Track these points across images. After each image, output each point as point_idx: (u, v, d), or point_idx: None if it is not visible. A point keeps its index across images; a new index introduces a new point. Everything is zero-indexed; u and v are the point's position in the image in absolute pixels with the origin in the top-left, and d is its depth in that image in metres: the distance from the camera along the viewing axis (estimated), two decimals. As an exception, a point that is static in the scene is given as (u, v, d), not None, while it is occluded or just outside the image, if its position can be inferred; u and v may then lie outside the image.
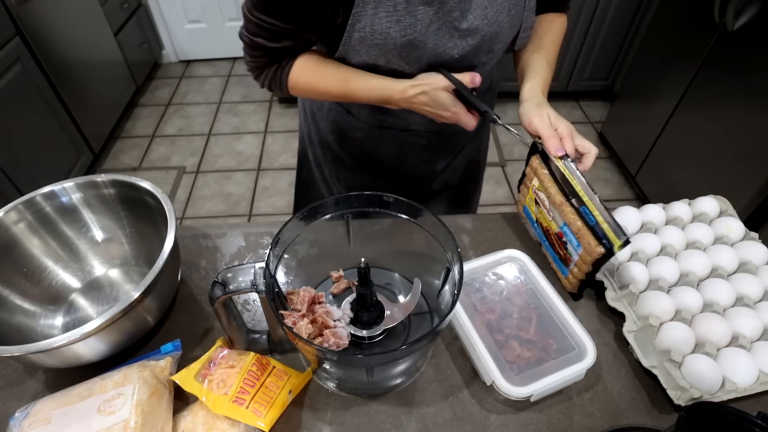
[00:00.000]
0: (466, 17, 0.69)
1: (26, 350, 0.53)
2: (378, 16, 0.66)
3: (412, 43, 0.69)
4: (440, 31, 0.69)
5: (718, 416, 0.49)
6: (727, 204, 0.81)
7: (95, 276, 0.76)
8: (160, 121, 2.64)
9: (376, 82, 0.73)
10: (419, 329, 0.64)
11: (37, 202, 0.70)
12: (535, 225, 0.76)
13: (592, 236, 0.63)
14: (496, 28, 0.72)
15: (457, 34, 0.70)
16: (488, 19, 0.70)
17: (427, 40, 0.69)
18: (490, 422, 0.60)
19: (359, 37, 0.68)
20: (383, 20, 0.66)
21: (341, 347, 0.56)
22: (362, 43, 0.69)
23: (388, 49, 0.69)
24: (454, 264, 0.56)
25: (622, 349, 0.67)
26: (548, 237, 0.73)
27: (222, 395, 0.55)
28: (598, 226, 0.62)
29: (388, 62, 0.72)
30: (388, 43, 0.68)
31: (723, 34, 1.61)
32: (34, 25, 1.85)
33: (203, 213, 2.14)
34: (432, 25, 0.68)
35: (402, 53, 0.70)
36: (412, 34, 0.68)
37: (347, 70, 0.74)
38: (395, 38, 0.68)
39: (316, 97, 0.80)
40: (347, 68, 0.74)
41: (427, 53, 0.71)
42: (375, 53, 0.70)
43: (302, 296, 0.59)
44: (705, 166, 1.76)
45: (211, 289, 0.54)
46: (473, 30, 0.71)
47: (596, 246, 0.63)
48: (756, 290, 0.68)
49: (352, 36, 0.68)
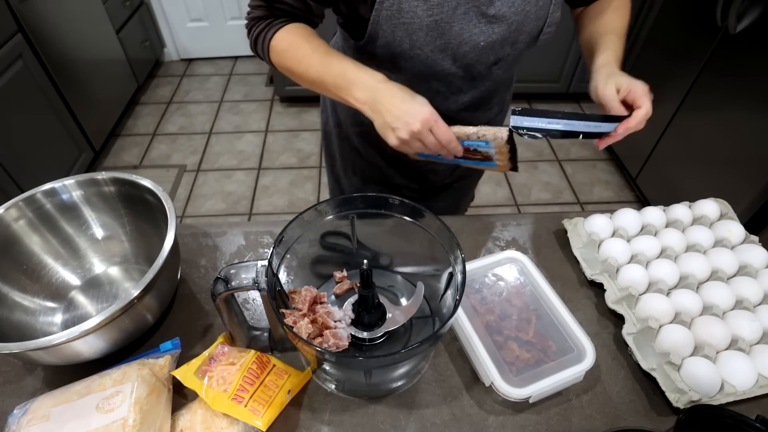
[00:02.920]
0: (493, 3, 0.69)
1: (25, 347, 0.53)
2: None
3: (438, 25, 0.68)
4: (467, 16, 0.69)
5: (716, 419, 0.49)
6: (727, 207, 0.81)
7: (95, 273, 0.76)
8: (162, 119, 2.64)
9: (355, 69, 0.68)
10: (421, 332, 0.63)
11: (37, 199, 0.70)
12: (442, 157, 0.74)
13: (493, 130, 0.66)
14: (522, 17, 0.71)
15: (484, 20, 0.70)
16: (515, 8, 0.70)
17: (454, 23, 0.69)
18: (488, 423, 0.60)
19: (387, 15, 0.68)
20: (411, 0, 0.66)
21: (341, 348, 0.56)
22: (389, 21, 0.69)
23: (413, 30, 0.69)
24: (456, 268, 0.56)
25: (621, 351, 0.67)
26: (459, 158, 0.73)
27: (221, 392, 0.55)
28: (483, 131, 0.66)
29: (412, 46, 0.71)
30: (414, 23, 0.68)
31: (725, 37, 1.60)
32: (36, 22, 1.85)
33: (203, 211, 2.14)
34: (459, 8, 0.68)
35: (428, 36, 0.69)
36: (438, 14, 0.67)
37: (333, 53, 0.70)
38: (421, 17, 0.67)
39: (292, 73, 0.74)
40: (335, 53, 0.70)
41: (452, 38, 0.70)
42: (401, 34, 0.70)
43: (304, 296, 0.59)
44: (706, 169, 1.76)
45: (214, 286, 0.54)
46: (500, 17, 0.70)
47: (500, 131, 0.65)
48: (756, 293, 0.68)
49: (381, 13, 0.68)
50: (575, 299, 0.73)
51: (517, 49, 0.77)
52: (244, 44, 3.04)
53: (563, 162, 2.38)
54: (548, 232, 0.83)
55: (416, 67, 0.76)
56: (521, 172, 2.34)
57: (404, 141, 0.64)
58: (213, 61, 3.10)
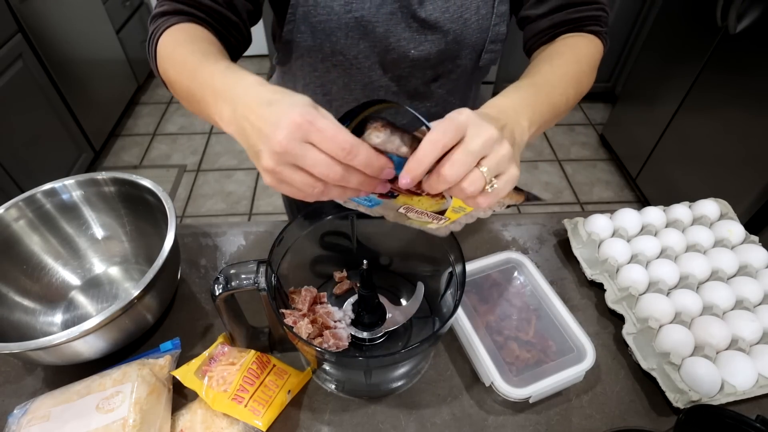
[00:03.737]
0: (424, 5, 0.61)
1: (25, 347, 0.53)
2: None
3: (359, 23, 0.61)
4: (394, 17, 0.62)
5: (716, 419, 0.49)
6: (727, 207, 0.81)
7: (95, 274, 0.76)
8: (162, 119, 2.64)
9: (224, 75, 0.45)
10: (421, 332, 0.64)
11: (37, 199, 0.70)
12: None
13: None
14: (460, 27, 0.63)
15: (416, 25, 0.62)
16: (451, 14, 0.62)
17: (377, 23, 0.61)
18: (488, 423, 0.60)
19: (303, 12, 0.61)
20: None
21: (340, 348, 0.56)
22: (306, 20, 0.62)
23: (332, 29, 0.62)
24: (456, 268, 0.56)
25: (622, 351, 0.67)
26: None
27: (221, 392, 0.55)
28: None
29: (333, 50, 0.64)
30: (332, 20, 0.61)
31: (725, 36, 1.61)
32: (36, 22, 1.85)
33: (203, 211, 2.15)
34: (384, 7, 0.61)
35: (349, 36, 0.62)
36: (358, 10, 0.60)
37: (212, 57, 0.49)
38: (339, 14, 0.60)
39: (171, 85, 0.53)
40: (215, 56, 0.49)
41: (377, 41, 0.63)
42: (320, 35, 0.62)
43: (304, 296, 0.59)
44: (706, 169, 1.76)
45: (213, 286, 0.54)
46: (433, 24, 0.62)
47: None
48: (756, 293, 0.68)
49: (297, 11, 0.61)
50: (575, 299, 0.73)
51: (460, 66, 0.69)
52: (244, 44, 3.04)
53: (563, 162, 2.38)
54: (548, 232, 0.83)
55: (341, 80, 0.68)
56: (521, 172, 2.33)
57: (273, 172, 0.37)
58: (213, 61, 3.10)
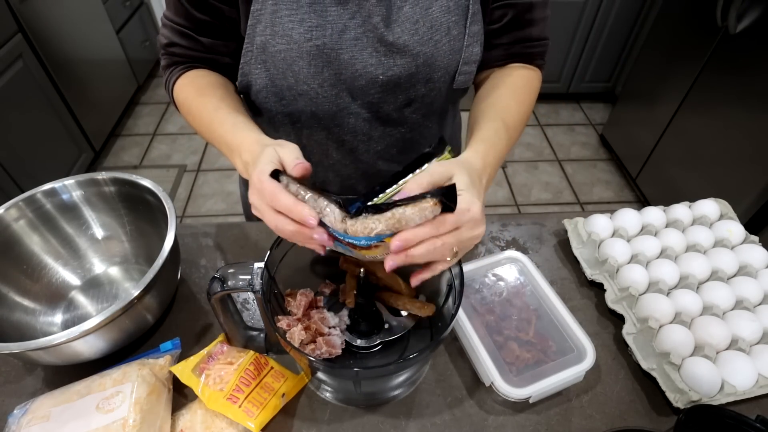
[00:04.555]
0: (391, 28, 0.59)
1: (25, 347, 0.53)
2: (279, 14, 0.57)
3: (322, 52, 0.59)
4: (359, 42, 0.59)
5: (717, 419, 0.49)
6: (727, 207, 0.81)
7: (95, 274, 0.76)
8: (162, 119, 2.64)
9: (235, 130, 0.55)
10: (419, 341, 0.62)
11: (37, 199, 0.70)
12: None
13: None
14: (431, 49, 0.61)
15: (383, 49, 0.60)
16: (420, 36, 0.59)
17: (341, 50, 0.59)
18: (488, 423, 0.60)
19: (261, 42, 0.59)
20: (285, 19, 0.57)
21: (333, 356, 0.55)
22: (265, 50, 0.60)
23: (293, 58, 0.59)
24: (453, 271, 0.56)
25: (622, 352, 0.67)
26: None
27: (217, 391, 0.55)
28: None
29: (297, 80, 0.61)
30: (292, 50, 0.58)
31: (725, 36, 1.61)
32: (36, 22, 1.85)
33: (204, 211, 2.15)
34: (348, 32, 0.58)
35: (312, 65, 0.60)
36: (320, 38, 0.58)
37: (222, 110, 0.58)
38: (299, 42, 0.58)
39: (191, 122, 0.64)
40: (225, 108, 0.58)
41: (343, 69, 0.60)
42: (281, 65, 0.60)
43: (299, 300, 0.58)
44: (706, 169, 1.76)
45: (210, 285, 0.54)
46: (402, 47, 0.59)
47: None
48: (756, 293, 0.68)
49: (254, 41, 0.60)
50: (575, 299, 0.73)
51: (433, 90, 0.66)
52: (244, 44, 3.04)
53: (563, 162, 2.38)
54: (548, 232, 0.83)
55: (308, 109, 0.65)
56: (521, 172, 2.34)
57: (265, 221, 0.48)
58: (213, 61, 3.10)
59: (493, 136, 0.56)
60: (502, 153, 0.56)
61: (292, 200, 0.43)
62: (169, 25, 0.63)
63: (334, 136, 0.70)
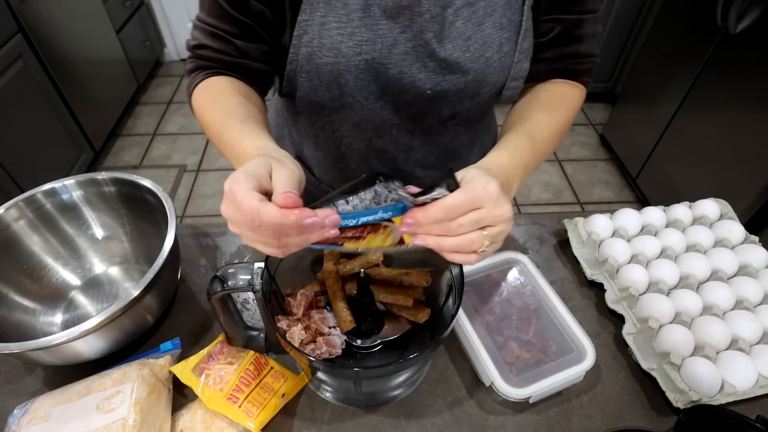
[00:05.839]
0: (443, 44, 0.57)
1: (25, 347, 0.53)
2: (327, 26, 0.55)
3: (370, 66, 0.57)
4: (408, 57, 0.57)
5: (716, 419, 0.49)
6: (727, 207, 0.81)
7: (95, 274, 0.76)
8: (162, 119, 2.64)
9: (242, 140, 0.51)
10: (419, 340, 0.62)
11: (37, 199, 0.70)
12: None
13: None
14: (482, 66, 0.59)
15: (433, 65, 0.58)
16: (472, 53, 0.58)
17: (391, 65, 0.57)
18: (488, 423, 0.60)
19: (307, 53, 0.57)
20: (333, 32, 0.56)
21: (333, 356, 0.55)
22: (311, 62, 0.58)
23: (340, 71, 0.58)
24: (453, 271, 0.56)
25: (622, 352, 0.67)
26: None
27: (217, 391, 0.55)
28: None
29: (342, 92, 0.60)
30: (340, 63, 0.57)
31: (725, 36, 1.60)
32: (36, 22, 1.85)
33: (203, 211, 2.14)
34: (398, 47, 0.57)
35: (359, 79, 0.58)
36: (369, 53, 0.56)
37: (233, 117, 0.54)
38: (348, 56, 0.56)
39: (204, 128, 0.60)
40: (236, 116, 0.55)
41: (390, 84, 0.59)
42: (327, 77, 0.58)
43: (299, 300, 0.58)
44: (706, 169, 1.76)
45: (210, 285, 0.54)
46: (453, 64, 0.58)
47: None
48: (756, 293, 0.68)
49: (300, 51, 0.58)
50: (575, 299, 0.73)
51: (478, 103, 0.65)
52: (244, 44, 3.04)
53: (563, 162, 2.38)
54: (548, 232, 0.83)
55: (351, 120, 0.64)
56: (521, 172, 2.33)
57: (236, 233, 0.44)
58: (213, 61, 3.10)
59: (514, 147, 0.54)
60: (525, 163, 0.54)
61: (279, 212, 0.38)
62: (200, 26, 0.60)
63: (374, 146, 0.70)
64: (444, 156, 0.75)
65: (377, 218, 0.42)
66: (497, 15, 0.58)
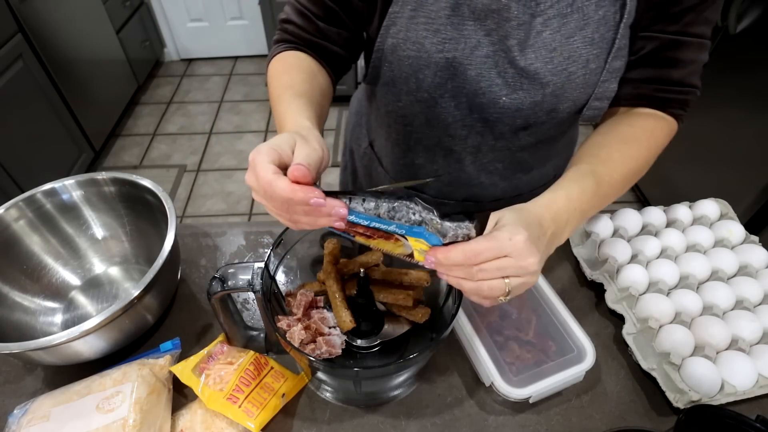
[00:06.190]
0: (525, 53, 0.56)
1: (25, 347, 0.53)
2: (416, 20, 0.56)
3: (450, 64, 0.58)
4: (489, 61, 0.57)
5: (717, 419, 0.49)
6: (727, 207, 0.81)
7: (95, 274, 0.76)
8: (162, 119, 2.64)
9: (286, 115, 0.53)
10: (419, 340, 0.62)
11: (37, 199, 0.70)
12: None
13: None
14: (563, 80, 0.57)
15: (512, 72, 0.57)
16: (555, 65, 0.56)
17: (470, 65, 0.57)
18: (488, 423, 0.60)
19: (392, 44, 0.59)
20: (420, 27, 0.56)
21: (333, 356, 0.55)
22: (394, 53, 0.59)
23: (420, 66, 0.59)
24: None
25: (622, 352, 0.67)
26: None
27: (217, 391, 0.55)
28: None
29: (418, 87, 0.61)
30: (421, 58, 0.58)
31: (725, 36, 1.60)
32: (36, 22, 1.85)
33: (204, 211, 2.15)
34: (480, 49, 0.56)
35: (437, 76, 0.59)
36: (451, 51, 0.57)
37: (289, 92, 0.56)
38: (429, 52, 0.57)
39: (269, 94, 0.62)
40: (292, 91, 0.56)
41: (467, 84, 0.59)
42: (407, 69, 0.60)
43: (299, 300, 0.58)
44: (706, 169, 1.76)
45: (210, 285, 0.54)
46: (532, 74, 0.56)
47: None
48: (756, 293, 0.68)
49: (386, 42, 0.59)
50: (575, 299, 0.73)
51: (555, 119, 0.63)
52: (244, 44, 3.04)
53: (563, 162, 2.38)
54: (548, 232, 0.83)
55: (423, 115, 0.65)
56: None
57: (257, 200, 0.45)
58: (213, 61, 3.10)
59: (576, 190, 0.51)
60: (584, 209, 0.51)
61: (289, 187, 0.40)
62: (292, 3, 0.64)
63: (443, 144, 0.70)
64: (511, 165, 0.73)
65: (389, 230, 0.43)
66: (589, 30, 0.55)
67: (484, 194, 0.78)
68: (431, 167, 0.74)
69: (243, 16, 2.92)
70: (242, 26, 2.96)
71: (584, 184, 0.52)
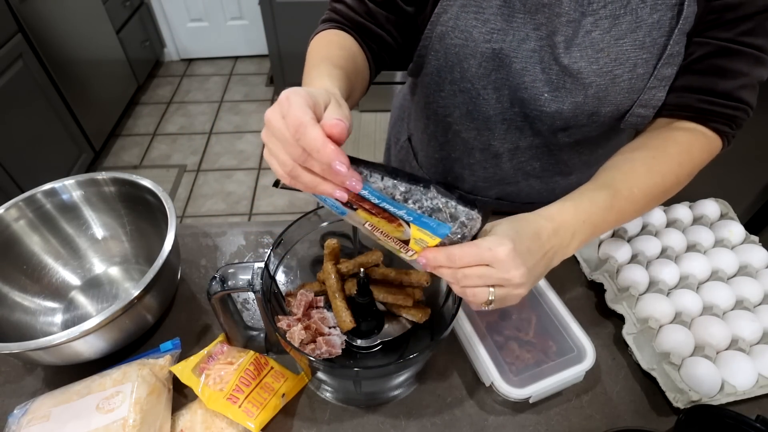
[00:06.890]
0: (570, 51, 0.55)
1: (25, 347, 0.53)
2: (467, 9, 0.56)
3: (496, 55, 0.57)
4: (534, 55, 0.56)
5: (716, 419, 0.49)
6: (727, 207, 0.81)
7: (95, 274, 0.76)
8: (162, 119, 2.64)
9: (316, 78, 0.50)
10: (419, 340, 0.62)
11: (37, 199, 0.70)
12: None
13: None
14: (607, 83, 0.55)
15: (556, 69, 0.56)
16: (599, 66, 0.54)
17: (516, 58, 0.57)
18: (488, 423, 0.60)
19: (441, 32, 0.58)
20: (470, 15, 0.56)
21: (333, 356, 0.55)
22: (442, 41, 0.59)
23: (465, 55, 0.58)
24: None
25: (622, 352, 0.67)
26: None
27: (217, 391, 0.55)
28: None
29: (462, 76, 0.60)
30: (468, 47, 0.57)
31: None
32: (36, 22, 1.85)
33: (203, 211, 2.15)
34: (527, 43, 0.56)
35: (482, 66, 0.59)
36: (498, 42, 0.56)
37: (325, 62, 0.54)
38: (477, 41, 0.57)
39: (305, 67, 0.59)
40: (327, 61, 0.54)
41: (512, 77, 0.59)
42: (452, 58, 0.60)
43: (299, 300, 0.58)
44: (706, 169, 1.75)
45: (210, 285, 0.54)
46: (575, 73, 0.55)
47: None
48: (756, 293, 0.68)
49: (435, 29, 0.59)
50: (575, 299, 0.73)
51: (596, 122, 0.61)
52: (244, 44, 3.04)
53: (563, 162, 2.38)
54: (548, 232, 0.83)
55: (465, 107, 0.65)
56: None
57: (264, 143, 0.41)
58: (213, 61, 3.10)
59: (586, 202, 0.48)
60: (595, 222, 0.48)
61: (323, 138, 0.35)
62: None
63: (482, 138, 0.69)
64: (549, 166, 0.72)
65: (397, 213, 0.41)
66: (641, 33, 0.53)
67: (519, 194, 0.77)
68: (467, 161, 0.73)
69: (243, 16, 2.92)
70: (242, 26, 2.96)
71: (597, 197, 0.49)
